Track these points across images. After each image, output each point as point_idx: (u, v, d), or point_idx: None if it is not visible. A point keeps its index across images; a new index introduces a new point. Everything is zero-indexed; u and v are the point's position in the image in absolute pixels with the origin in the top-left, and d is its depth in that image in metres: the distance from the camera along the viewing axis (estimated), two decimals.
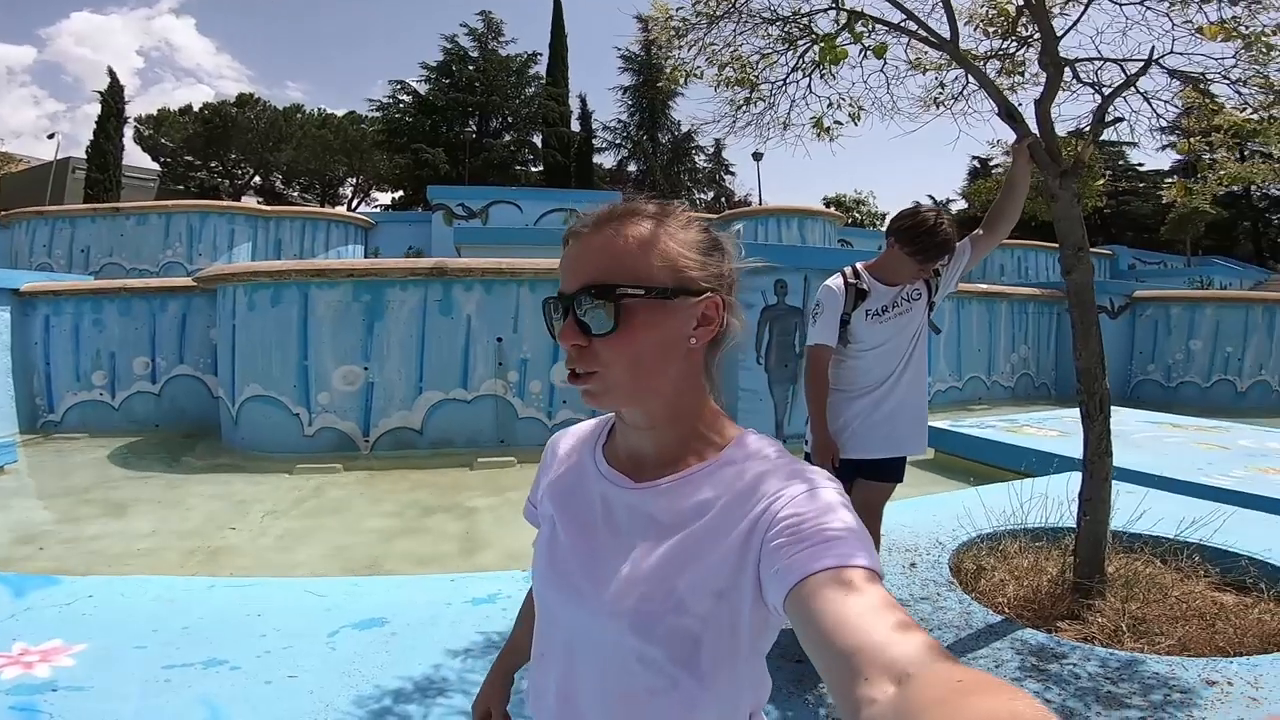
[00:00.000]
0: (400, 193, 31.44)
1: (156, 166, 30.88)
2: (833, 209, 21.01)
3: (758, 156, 21.98)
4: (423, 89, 29.37)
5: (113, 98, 25.73)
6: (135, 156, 30.07)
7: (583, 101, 31.17)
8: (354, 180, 33.20)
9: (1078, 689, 1.97)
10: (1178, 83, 2.37)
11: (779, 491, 0.61)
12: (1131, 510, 3.06)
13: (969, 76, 2.56)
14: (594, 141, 31.21)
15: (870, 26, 2.43)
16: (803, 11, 2.50)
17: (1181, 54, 2.23)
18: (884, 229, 2.31)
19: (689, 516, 0.65)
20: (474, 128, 29.54)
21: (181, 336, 8.00)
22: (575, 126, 30.67)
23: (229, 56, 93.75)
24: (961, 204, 30.43)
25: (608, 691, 0.67)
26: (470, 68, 29.10)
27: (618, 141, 31.46)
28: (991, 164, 29.08)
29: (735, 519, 0.62)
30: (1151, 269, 21.59)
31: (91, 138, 25.23)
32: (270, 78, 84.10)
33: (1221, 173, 2.36)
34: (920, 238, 2.12)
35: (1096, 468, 2.45)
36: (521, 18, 38.12)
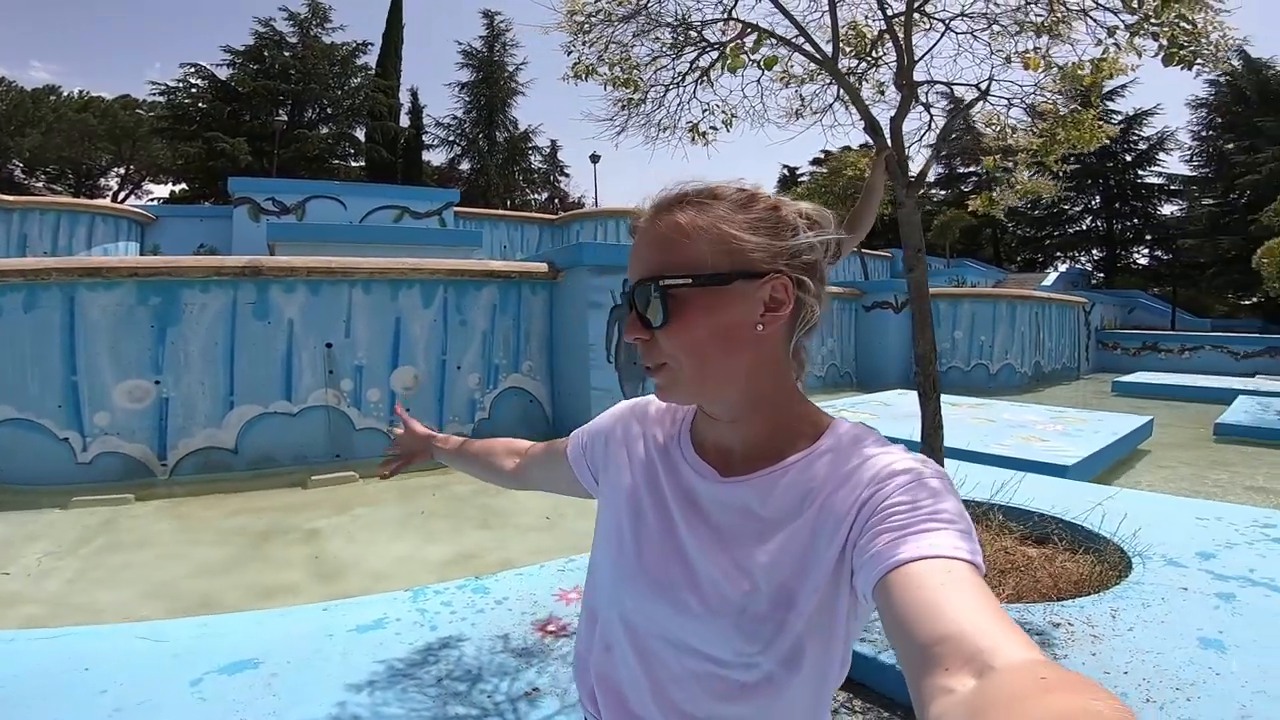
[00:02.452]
0: (183, 185, 27.45)
1: None
2: None
3: (595, 158, 22.32)
4: (224, 74, 26.02)
5: None
6: None
7: (414, 95, 29.58)
8: (122, 170, 28.33)
9: None
10: (989, 105, 2.83)
11: (880, 480, 0.58)
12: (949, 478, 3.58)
13: (834, 91, 2.86)
14: (424, 138, 29.71)
15: (764, 40, 2.61)
16: (698, 20, 2.62)
17: (996, 80, 2.69)
18: None
19: (791, 510, 0.62)
20: (285, 117, 26.69)
21: None
22: (405, 121, 28.98)
23: None
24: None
25: (697, 684, 0.64)
26: (287, 54, 26.36)
27: (451, 139, 30.23)
28: (799, 173, 32.26)
29: (838, 511, 0.59)
30: None
31: None
32: (8, 59, 68.19)
33: (1018, 187, 2.88)
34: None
35: (933, 440, 2.81)
36: (355, 5, 35.07)
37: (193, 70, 26.01)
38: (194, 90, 26.11)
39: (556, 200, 31.90)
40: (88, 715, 1.87)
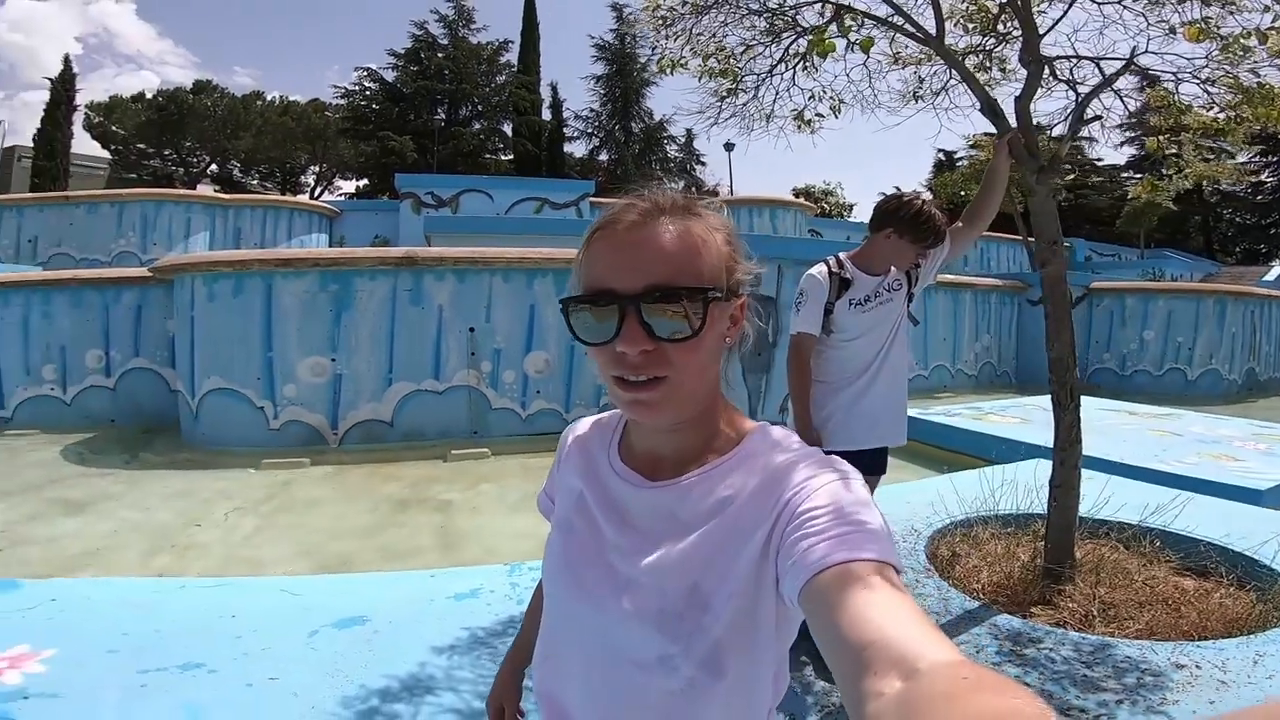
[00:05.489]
0: (365, 181, 30.93)
1: (106, 154, 29.78)
2: (802, 199, 21.14)
3: (729, 147, 21.99)
4: (390, 76, 28.99)
5: (63, 85, 25.09)
6: (83, 144, 29.04)
7: (554, 90, 31.01)
8: (317, 168, 32.50)
9: (1054, 672, 2.02)
10: (1146, 82, 2.42)
11: (800, 484, 0.59)
12: (1096, 496, 3.15)
13: (951, 72, 2.59)
14: (565, 130, 31.02)
15: (859, 21, 2.43)
16: (789, 4, 2.49)
17: (1155, 53, 2.29)
18: (869, 219, 2.31)
19: (711, 513, 0.64)
20: (443, 116, 29.21)
21: (137, 329, 7.68)
22: (546, 115, 30.47)
23: (171, 42, 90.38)
24: (927, 195, 30.95)
25: (621, 692, 0.65)
26: (440, 55, 28.92)
27: (589, 130, 31.35)
28: (956, 157, 29.61)
29: (757, 514, 0.61)
30: (1107, 261, 22.21)
31: (39, 125, 24.49)
32: (216, 64, 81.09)
33: (1187, 170, 2.43)
34: (923, 225, 2.14)
35: (1067, 455, 2.51)
36: (492, 4, 37.82)
37: (365, 74, 29.13)
38: (367, 92, 29.22)
39: (694, 189, 31.86)
40: (219, 655, 2.19)
